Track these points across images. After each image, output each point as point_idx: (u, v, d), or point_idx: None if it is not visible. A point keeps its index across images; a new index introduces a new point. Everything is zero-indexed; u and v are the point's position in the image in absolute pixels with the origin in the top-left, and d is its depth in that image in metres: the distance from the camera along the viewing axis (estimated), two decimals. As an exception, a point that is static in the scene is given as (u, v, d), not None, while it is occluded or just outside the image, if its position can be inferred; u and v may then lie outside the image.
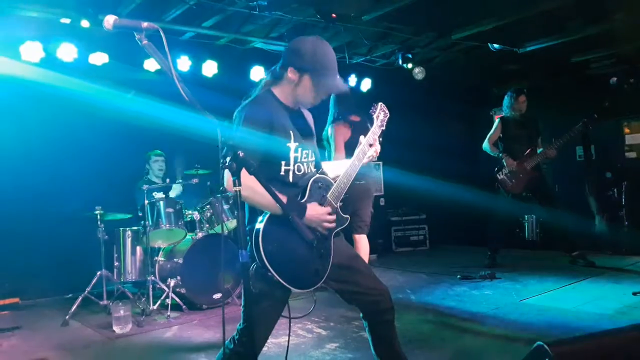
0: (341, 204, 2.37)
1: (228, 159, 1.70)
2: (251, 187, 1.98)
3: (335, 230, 2.32)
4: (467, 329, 3.95)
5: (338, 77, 2.33)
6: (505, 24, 5.66)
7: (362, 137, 2.55)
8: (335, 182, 2.36)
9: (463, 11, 5.48)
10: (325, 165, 2.48)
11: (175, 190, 5.66)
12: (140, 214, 5.09)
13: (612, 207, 7.05)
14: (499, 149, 6.19)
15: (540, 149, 6.03)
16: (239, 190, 1.71)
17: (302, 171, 2.30)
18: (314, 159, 2.37)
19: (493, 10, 5.45)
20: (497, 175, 6.14)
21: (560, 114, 6.71)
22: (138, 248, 5.25)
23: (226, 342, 2.27)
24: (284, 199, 1.99)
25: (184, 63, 6.13)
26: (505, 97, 6.24)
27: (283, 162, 2.23)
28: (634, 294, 4.48)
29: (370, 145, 2.53)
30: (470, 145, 7.27)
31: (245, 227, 2.16)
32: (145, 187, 4.97)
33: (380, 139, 2.67)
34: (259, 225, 2.11)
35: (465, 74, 8.15)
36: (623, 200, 6.87)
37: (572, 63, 7.21)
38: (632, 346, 2.00)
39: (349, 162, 2.44)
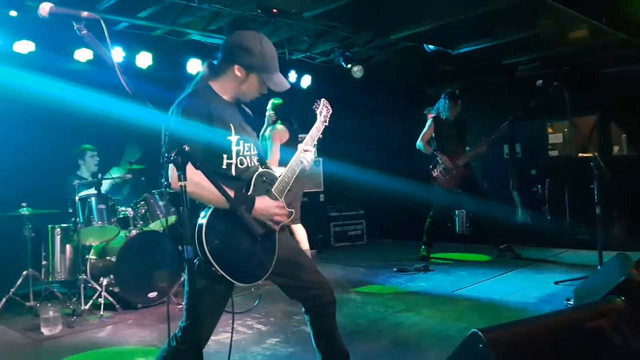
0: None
1: (173, 153, 1.66)
2: (197, 182, 1.95)
3: (280, 225, 2.33)
4: (404, 320, 4.08)
5: (280, 74, 2.33)
6: (441, 26, 5.86)
7: (313, 129, 2.59)
8: (279, 176, 2.37)
9: (400, 12, 5.61)
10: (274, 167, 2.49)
11: (105, 186, 5.45)
12: (70, 211, 4.86)
13: (536, 202, 7.50)
14: (432, 148, 6.42)
15: (469, 148, 6.33)
16: (184, 185, 1.68)
17: (245, 164, 2.28)
18: (256, 152, 2.37)
19: (429, 12, 5.63)
20: (432, 172, 6.38)
21: (491, 113, 7.05)
22: (68, 246, 5.01)
23: (168, 340, 2.22)
24: (231, 192, 1.98)
25: (117, 54, 5.90)
26: (441, 99, 6.48)
27: (225, 156, 2.21)
28: (556, 283, 4.80)
29: (305, 151, 2.52)
30: (406, 143, 7.48)
31: (189, 222, 2.12)
32: (76, 182, 4.75)
33: (321, 136, 2.70)
34: (202, 220, 2.08)
35: (401, 73, 8.37)
36: (546, 195, 7.32)
37: (502, 65, 7.57)
38: (556, 330, 2.16)
39: (293, 157, 2.46)
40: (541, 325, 2.22)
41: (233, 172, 2.24)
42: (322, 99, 2.72)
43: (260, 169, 2.34)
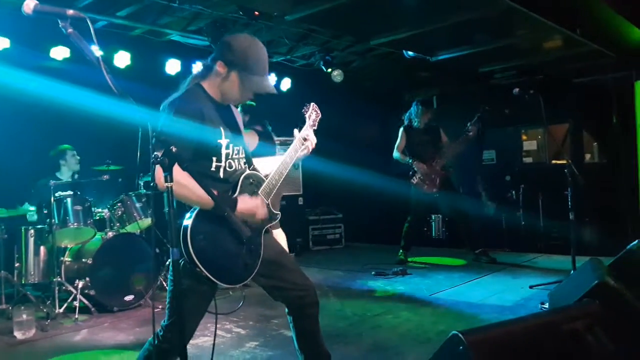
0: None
1: (159, 153, 1.65)
2: (183, 183, 1.94)
3: (266, 227, 2.34)
4: (383, 323, 4.11)
5: (267, 78, 2.33)
6: (420, 33, 5.93)
7: (295, 131, 2.58)
8: (266, 178, 2.38)
9: (380, 18, 5.67)
10: (257, 162, 2.48)
11: None
12: (45, 212, 4.76)
13: (510, 207, 7.64)
14: (407, 156, 6.48)
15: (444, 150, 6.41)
16: (171, 187, 1.68)
17: (233, 167, 2.29)
18: (244, 155, 2.37)
19: (409, 19, 5.69)
20: (412, 180, 6.43)
21: (467, 120, 7.15)
22: (42, 248, 4.89)
23: (149, 339, 2.21)
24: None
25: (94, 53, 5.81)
26: (413, 106, 6.56)
27: (214, 158, 2.21)
28: (531, 287, 4.90)
29: (305, 140, 2.55)
30: (384, 147, 7.55)
31: (175, 223, 2.11)
32: (52, 183, 4.65)
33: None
34: (187, 221, 2.08)
35: (380, 78, 8.45)
36: (520, 201, 7.47)
37: (478, 73, 7.70)
38: (533, 332, 2.21)
39: (281, 158, 2.46)
40: (519, 328, 2.27)
41: (221, 174, 2.24)
42: (312, 103, 2.73)
43: (247, 171, 2.34)
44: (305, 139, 2.53)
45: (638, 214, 6.51)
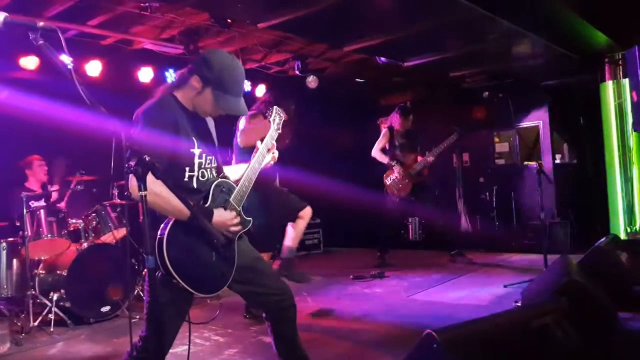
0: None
1: (133, 162, 1.67)
2: (157, 192, 1.95)
3: (239, 233, 2.36)
4: (362, 326, 4.16)
5: (241, 100, 2.32)
6: (392, 40, 6.02)
7: (258, 142, 2.58)
8: (237, 185, 2.40)
9: (353, 25, 5.74)
10: (226, 169, 2.50)
11: None
12: (18, 224, 4.69)
13: (484, 209, 7.78)
14: (387, 156, 6.58)
15: (421, 159, 6.54)
16: (145, 195, 1.69)
17: (206, 177, 2.30)
18: (216, 164, 2.39)
19: (380, 26, 5.78)
20: (386, 181, 6.53)
21: (439, 123, 7.29)
22: (15, 261, 4.82)
23: (127, 350, 2.21)
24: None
25: (65, 62, 5.74)
26: (393, 113, 6.69)
27: (187, 168, 2.22)
28: (505, 286, 5.01)
29: (269, 150, 2.57)
30: (360, 153, 7.62)
31: (150, 233, 2.12)
32: (24, 194, 4.59)
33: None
34: (163, 232, 2.08)
35: (354, 84, 8.53)
36: (494, 202, 7.61)
37: (449, 77, 7.84)
38: (505, 328, 2.29)
39: (249, 165, 2.48)
40: (491, 325, 2.34)
41: (194, 184, 2.25)
42: (274, 107, 2.70)
43: (218, 179, 2.36)
44: (269, 150, 2.54)
45: (606, 212, 6.70)
